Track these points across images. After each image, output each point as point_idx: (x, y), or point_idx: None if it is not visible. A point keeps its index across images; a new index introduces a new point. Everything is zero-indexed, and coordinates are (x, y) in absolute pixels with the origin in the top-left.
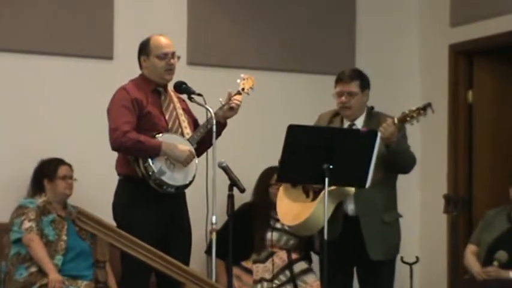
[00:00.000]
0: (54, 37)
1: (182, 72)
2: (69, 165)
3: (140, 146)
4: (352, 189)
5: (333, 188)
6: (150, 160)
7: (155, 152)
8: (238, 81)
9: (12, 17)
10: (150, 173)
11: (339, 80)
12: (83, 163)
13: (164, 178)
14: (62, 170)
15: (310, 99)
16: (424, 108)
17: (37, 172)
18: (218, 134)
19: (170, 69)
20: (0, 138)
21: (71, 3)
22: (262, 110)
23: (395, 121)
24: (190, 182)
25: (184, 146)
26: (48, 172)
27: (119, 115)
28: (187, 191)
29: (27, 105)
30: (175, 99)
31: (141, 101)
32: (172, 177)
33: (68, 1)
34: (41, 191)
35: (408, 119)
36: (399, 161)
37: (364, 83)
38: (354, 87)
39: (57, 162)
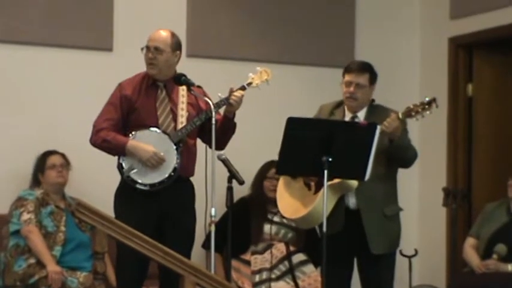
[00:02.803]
0: (54, 29)
1: (182, 64)
2: (61, 154)
3: (107, 145)
4: (355, 183)
5: (335, 181)
6: (121, 158)
7: (121, 151)
8: (251, 74)
9: (12, 8)
10: (123, 170)
11: (348, 70)
12: (82, 154)
13: (134, 176)
14: (50, 160)
15: (309, 91)
16: (429, 103)
17: (35, 165)
18: (228, 129)
19: (150, 64)
20: (0, 130)
21: None
22: (261, 103)
23: (400, 116)
24: (168, 180)
25: (149, 147)
26: (39, 165)
27: (103, 112)
28: None
29: (27, 97)
30: (182, 93)
31: (129, 98)
32: (144, 175)
33: None
34: (38, 184)
35: (413, 114)
36: (402, 155)
37: (373, 77)
38: (364, 79)
39: (46, 154)
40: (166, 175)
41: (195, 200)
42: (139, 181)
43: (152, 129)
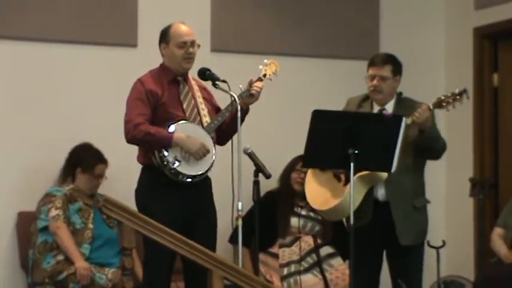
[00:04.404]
0: (79, 26)
1: (206, 58)
2: (107, 163)
3: (151, 138)
4: (384, 174)
5: (365, 172)
6: (164, 150)
7: (166, 143)
8: (261, 67)
9: (38, 7)
10: (165, 163)
11: (371, 64)
12: (108, 151)
13: (179, 168)
14: (99, 169)
15: (335, 84)
16: (459, 94)
17: (74, 156)
18: (241, 121)
19: (189, 58)
20: (25, 128)
21: None
22: (287, 96)
23: (431, 107)
24: (207, 171)
25: (196, 139)
26: (85, 162)
27: (133, 107)
28: (212, 178)
29: (54, 94)
30: (196, 88)
31: (155, 92)
32: (187, 167)
33: None
34: (70, 176)
35: (443, 104)
36: (432, 146)
37: (397, 68)
38: (387, 71)
39: (97, 158)
40: (207, 167)
41: (223, 194)
42: (185, 173)
43: (186, 122)
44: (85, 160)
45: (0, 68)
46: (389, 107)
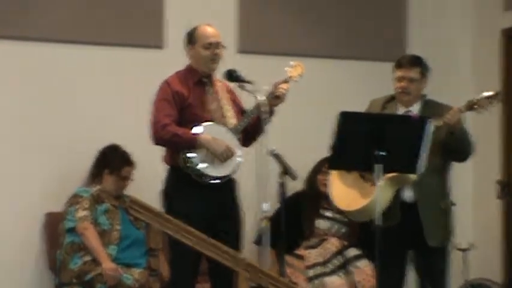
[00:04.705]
0: (105, 27)
1: (233, 60)
2: (134, 165)
3: (177, 139)
4: (413, 176)
5: (394, 174)
6: (190, 151)
7: (191, 145)
8: (286, 68)
9: (63, 7)
10: (190, 164)
11: (399, 65)
12: (134, 152)
13: (203, 169)
14: (126, 171)
15: (361, 86)
16: (492, 97)
17: (102, 157)
18: (267, 122)
19: (215, 59)
20: (53, 129)
21: None
22: (312, 97)
23: (462, 109)
24: (232, 173)
25: (222, 141)
26: (112, 165)
27: (160, 109)
28: (238, 179)
29: (80, 96)
30: (221, 89)
31: (182, 94)
32: (212, 168)
33: None
34: (98, 178)
35: (475, 107)
36: (461, 149)
37: (425, 70)
38: (415, 73)
39: (124, 160)
40: (232, 168)
41: (249, 196)
42: (210, 174)
43: (212, 123)
44: (112, 162)
45: (29, 69)
46: (415, 109)
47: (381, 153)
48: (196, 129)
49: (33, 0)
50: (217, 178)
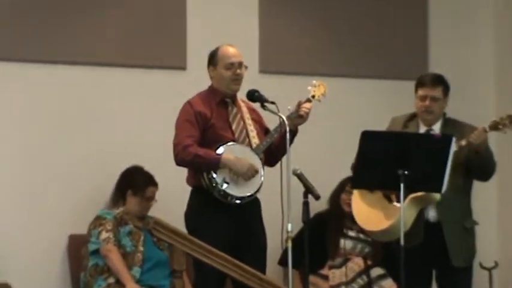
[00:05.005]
0: (128, 49)
1: (254, 80)
2: (157, 186)
3: (199, 160)
4: (437, 195)
5: (418, 194)
6: (213, 172)
7: (214, 165)
8: (309, 88)
9: (86, 30)
10: (214, 185)
11: (422, 84)
12: (158, 173)
13: (227, 189)
14: (150, 191)
15: (384, 104)
16: None
17: (124, 179)
18: (290, 142)
19: (237, 80)
20: (78, 151)
21: (144, 15)
22: (335, 117)
23: (487, 129)
24: (256, 193)
25: (245, 160)
26: (135, 185)
27: (182, 130)
28: (261, 199)
29: (104, 117)
30: (244, 109)
31: (204, 114)
32: (236, 188)
33: (140, 13)
34: (121, 199)
35: (500, 127)
36: (485, 168)
37: (447, 89)
38: (438, 92)
39: (148, 181)
40: (256, 188)
41: (272, 216)
42: (234, 194)
43: (234, 143)
44: (136, 183)
45: (52, 92)
46: (436, 128)
47: (405, 172)
48: (219, 150)
49: (58, 25)
50: (241, 198)
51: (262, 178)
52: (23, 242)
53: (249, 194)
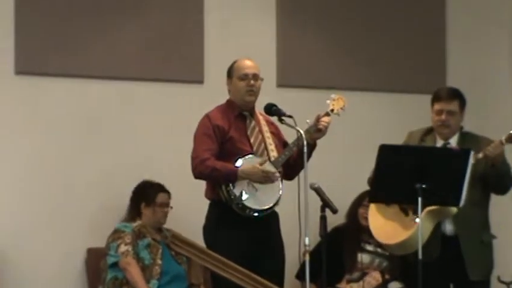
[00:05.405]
0: (146, 63)
1: (272, 94)
2: (168, 193)
3: (217, 174)
4: (454, 209)
5: (434, 207)
6: (231, 184)
7: (232, 178)
8: (328, 101)
9: (104, 44)
10: (232, 197)
11: (438, 98)
12: (176, 187)
13: (246, 202)
14: (161, 197)
15: (402, 118)
16: None
17: (136, 194)
18: (308, 156)
19: (251, 91)
20: (94, 165)
21: (162, 29)
22: (353, 131)
23: (503, 141)
24: (274, 205)
25: (255, 166)
26: (147, 196)
27: (200, 143)
28: (279, 213)
29: (121, 130)
30: (263, 123)
31: (222, 127)
32: (255, 201)
33: (159, 28)
34: (137, 215)
35: None
36: (502, 181)
37: (463, 102)
38: (455, 106)
39: (157, 188)
40: (274, 201)
41: (289, 230)
42: (252, 207)
43: (253, 156)
44: (147, 194)
45: (71, 105)
46: (453, 141)
47: (423, 186)
48: (238, 163)
49: (79, 41)
50: (259, 211)
51: (281, 191)
52: (42, 255)
53: (267, 206)
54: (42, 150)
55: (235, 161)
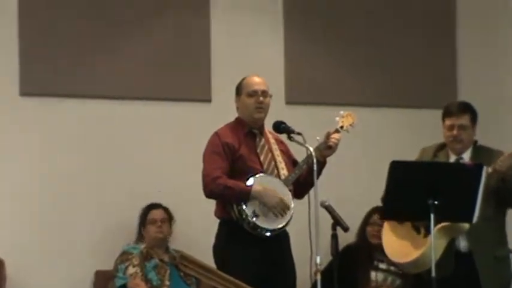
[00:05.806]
0: (153, 82)
1: (281, 111)
2: (164, 208)
3: (229, 192)
4: (466, 225)
5: (446, 224)
6: (243, 203)
7: (244, 197)
8: (337, 118)
9: (110, 64)
10: (244, 216)
11: (449, 113)
12: (185, 206)
13: (257, 221)
14: (151, 214)
15: (412, 134)
16: None
17: (139, 218)
18: (318, 173)
19: (260, 108)
20: (103, 186)
21: (168, 47)
22: (364, 147)
23: None
24: (286, 225)
25: (275, 193)
26: (141, 219)
27: (210, 161)
28: (289, 231)
29: (130, 150)
30: (272, 141)
31: (232, 145)
32: (266, 220)
33: (165, 46)
34: (142, 238)
35: None
36: None
37: (474, 116)
38: (466, 120)
39: (149, 208)
40: (286, 220)
41: (300, 248)
42: (264, 226)
43: (264, 174)
44: (142, 216)
45: (74, 126)
46: (466, 156)
47: (435, 202)
48: (249, 181)
49: (86, 61)
50: (271, 230)
51: (292, 211)
52: (50, 278)
53: (279, 226)
54: (49, 172)
55: (247, 179)
